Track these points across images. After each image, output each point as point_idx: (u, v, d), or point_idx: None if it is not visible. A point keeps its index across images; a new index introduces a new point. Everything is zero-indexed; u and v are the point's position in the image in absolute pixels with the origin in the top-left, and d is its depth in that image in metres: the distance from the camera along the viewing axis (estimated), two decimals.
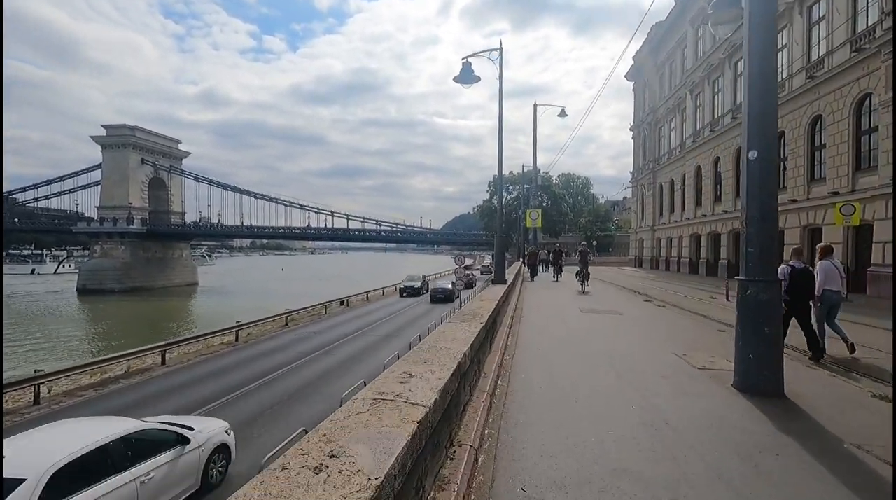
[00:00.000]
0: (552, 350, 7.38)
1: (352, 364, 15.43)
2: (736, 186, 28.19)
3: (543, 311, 11.80)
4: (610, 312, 11.95)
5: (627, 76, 46.99)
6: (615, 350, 7.26)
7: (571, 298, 14.85)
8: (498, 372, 5.77)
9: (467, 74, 11.00)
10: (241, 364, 15.82)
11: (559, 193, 60.53)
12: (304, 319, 26.07)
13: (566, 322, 10.14)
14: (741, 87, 27.51)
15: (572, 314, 11.31)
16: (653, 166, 41.54)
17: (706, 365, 6.41)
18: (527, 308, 11.96)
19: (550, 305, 13.29)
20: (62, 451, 5.60)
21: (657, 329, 9.59)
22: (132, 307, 52.19)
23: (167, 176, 75.40)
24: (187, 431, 7.37)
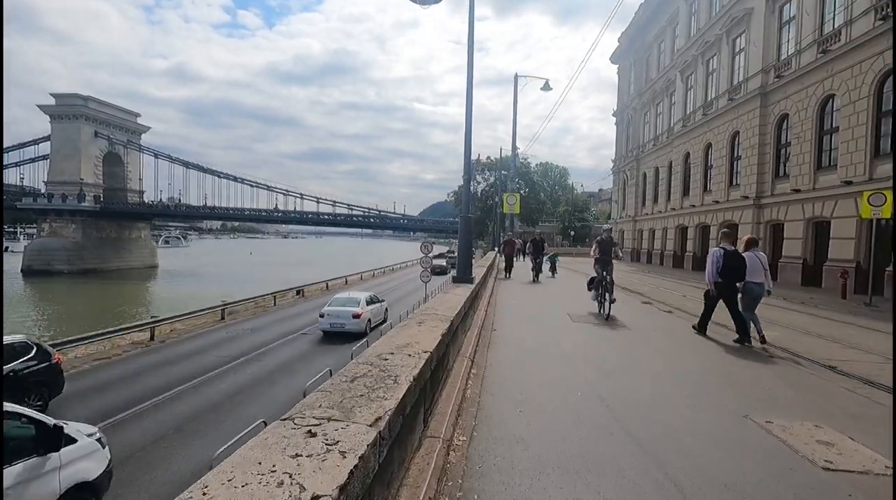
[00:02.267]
0: (551, 420, 4.25)
1: (270, 384, 11.87)
2: (730, 175, 25.64)
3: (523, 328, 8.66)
4: (613, 324, 8.93)
5: (612, 59, 44.10)
6: (657, 422, 4.14)
7: (558, 300, 11.87)
8: None
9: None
10: (135, 376, 12.31)
11: (537, 181, 57.76)
12: (248, 311, 22.53)
13: (559, 344, 7.02)
14: (741, 64, 24.82)
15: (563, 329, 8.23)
16: (636, 154, 38.91)
17: (831, 460, 3.35)
18: (500, 321, 8.85)
19: (533, 314, 10.26)
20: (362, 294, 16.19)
21: (691, 359, 6.46)
22: (76, 291, 47.51)
23: (124, 151, 69.60)
24: None
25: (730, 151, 25.59)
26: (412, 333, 3.56)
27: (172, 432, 8.88)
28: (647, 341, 7.50)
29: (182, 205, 70.58)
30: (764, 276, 7.45)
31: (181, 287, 50.23)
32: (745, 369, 5.91)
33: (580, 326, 8.41)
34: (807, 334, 8.72)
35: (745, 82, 23.98)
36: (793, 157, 20.84)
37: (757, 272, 7.37)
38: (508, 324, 7.91)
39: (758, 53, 23.07)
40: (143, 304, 39.60)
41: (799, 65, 20.46)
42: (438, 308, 4.94)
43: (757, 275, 7.37)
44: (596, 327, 8.27)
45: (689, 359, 6.38)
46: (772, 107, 22.37)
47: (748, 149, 23.54)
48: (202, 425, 9.31)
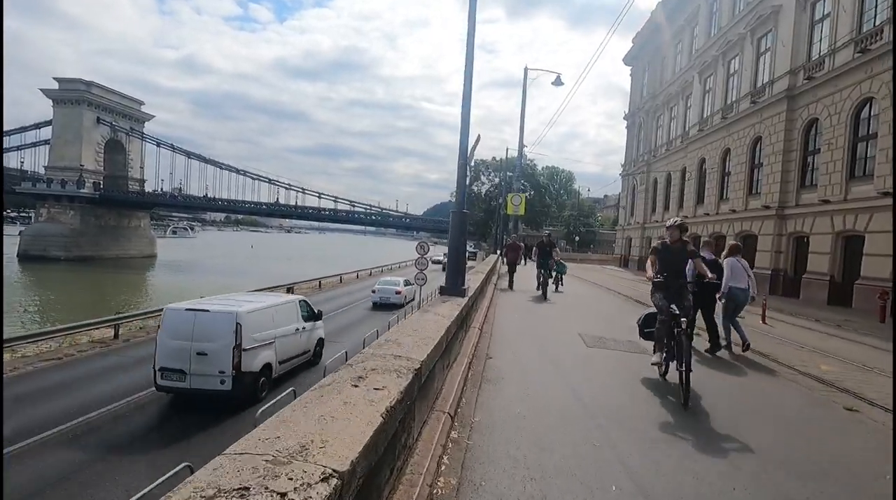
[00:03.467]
0: None
1: None
2: (750, 183, 23.88)
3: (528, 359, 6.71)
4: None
5: (625, 60, 42.37)
6: None
7: (573, 321, 10.13)
8: None
9: None
10: (71, 385, 10.60)
11: (543, 183, 56.06)
12: None
13: (580, 396, 5.30)
14: (766, 65, 23.07)
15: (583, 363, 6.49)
16: (648, 158, 37.17)
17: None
18: (498, 347, 7.15)
19: (541, 340, 8.57)
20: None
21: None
22: (69, 278, 46.17)
23: (126, 139, 68.21)
24: None
25: (750, 158, 23.85)
26: (330, 411, 1.92)
27: None
28: None
29: (183, 195, 69.17)
30: (747, 282, 7.43)
31: (178, 278, 48.86)
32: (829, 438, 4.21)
33: (606, 356, 6.75)
34: (866, 371, 7.06)
35: (770, 84, 22.24)
36: (822, 165, 19.09)
37: (740, 278, 7.36)
38: (508, 354, 6.24)
39: (786, 53, 21.33)
40: (135, 294, 38.16)
41: (833, 65, 18.71)
42: (404, 340, 3.30)
43: (740, 280, 7.36)
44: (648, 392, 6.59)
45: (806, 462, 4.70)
46: (800, 111, 20.63)
47: (771, 155, 21.79)
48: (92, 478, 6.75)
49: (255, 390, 9.91)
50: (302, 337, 12.15)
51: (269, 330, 10.62)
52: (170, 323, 9.88)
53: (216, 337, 9.50)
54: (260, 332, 10.24)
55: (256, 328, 10.13)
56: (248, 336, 9.71)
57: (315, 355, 12.83)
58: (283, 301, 12.23)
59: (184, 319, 9.74)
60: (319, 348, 13.12)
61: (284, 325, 11.28)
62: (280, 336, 10.96)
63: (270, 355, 10.58)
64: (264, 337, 10.37)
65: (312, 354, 12.75)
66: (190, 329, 9.56)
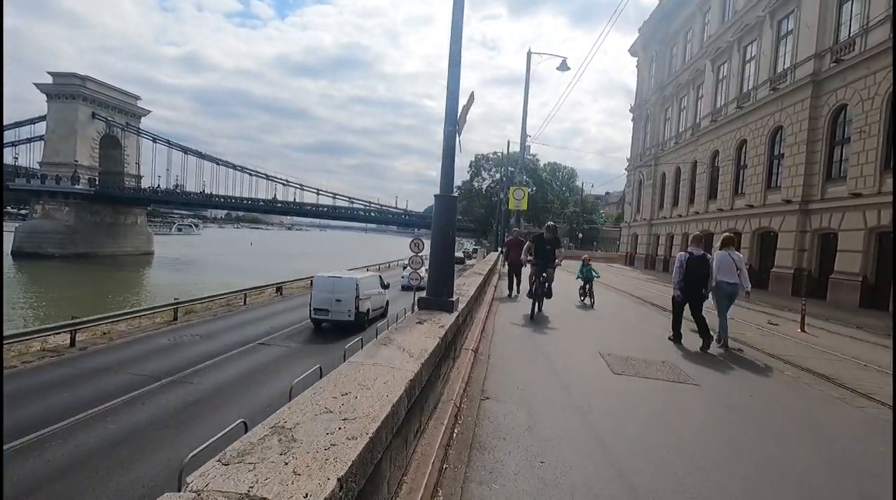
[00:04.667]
0: None
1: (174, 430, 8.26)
2: (769, 176, 22.11)
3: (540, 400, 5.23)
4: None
5: (631, 51, 40.53)
6: None
7: (602, 341, 8.41)
8: None
9: None
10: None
11: (546, 179, 54.18)
12: (211, 310, 19.28)
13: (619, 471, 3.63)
14: (787, 49, 21.27)
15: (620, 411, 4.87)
16: (655, 152, 35.34)
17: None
18: (498, 383, 5.49)
19: (559, 374, 6.89)
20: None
21: None
22: (62, 275, 44.69)
23: (122, 134, 66.58)
24: None
25: (769, 149, 22.06)
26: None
27: None
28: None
29: (180, 192, 67.58)
30: (738, 276, 7.21)
31: (174, 277, 47.31)
32: None
33: (642, 390, 5.07)
34: None
35: (792, 69, 20.44)
36: (852, 155, 17.31)
37: (729, 272, 7.18)
38: (511, 391, 4.56)
39: (810, 35, 19.53)
40: (128, 292, 36.56)
41: (865, 46, 16.92)
42: (307, 429, 1.61)
43: (729, 275, 7.18)
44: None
45: None
46: (826, 97, 18.84)
47: (793, 146, 20.02)
48: None
49: (363, 322, 17.19)
50: (380, 297, 19.35)
51: (367, 291, 17.86)
52: (319, 284, 17.34)
53: (345, 292, 16.92)
54: (365, 291, 17.55)
55: (364, 289, 17.47)
56: (361, 293, 17.14)
57: (385, 311, 19.68)
58: (371, 274, 20.40)
59: (327, 281, 17.15)
60: (387, 308, 19.99)
61: (373, 288, 18.49)
62: (372, 295, 18.30)
63: (368, 304, 17.88)
64: (367, 294, 17.75)
65: (384, 310, 19.72)
66: (331, 287, 16.93)
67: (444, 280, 4.56)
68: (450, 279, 4.62)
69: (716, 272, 7.15)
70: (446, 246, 4.58)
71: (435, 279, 4.58)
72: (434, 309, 4.44)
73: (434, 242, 4.56)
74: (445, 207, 4.54)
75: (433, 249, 4.58)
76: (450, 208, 4.56)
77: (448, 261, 4.63)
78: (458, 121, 4.57)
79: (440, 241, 4.55)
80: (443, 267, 4.62)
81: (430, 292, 4.56)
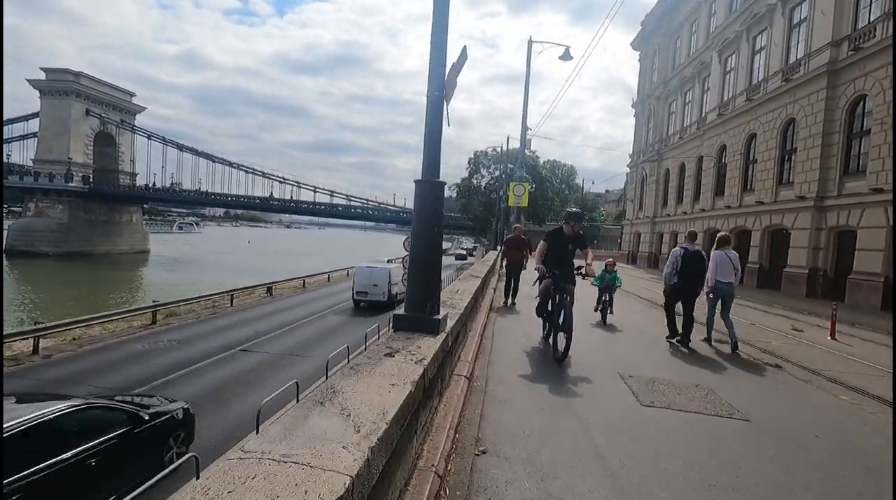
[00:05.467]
0: None
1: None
2: (780, 171, 21.01)
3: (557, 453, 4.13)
4: None
5: (633, 45, 39.36)
6: None
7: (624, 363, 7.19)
8: None
9: None
10: None
11: (546, 176, 53.03)
12: (195, 312, 18.18)
13: None
14: (800, 37, 20.16)
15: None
16: (658, 148, 34.21)
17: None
18: (497, 431, 4.40)
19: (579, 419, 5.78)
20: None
21: None
22: (53, 274, 43.64)
23: (117, 131, 65.40)
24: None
25: (781, 143, 20.95)
26: None
27: None
28: None
29: (175, 190, 66.42)
30: (734, 276, 7.04)
31: (169, 275, 46.25)
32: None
33: (678, 427, 3.99)
34: None
35: (806, 59, 19.32)
36: (873, 148, 16.19)
37: (726, 272, 6.98)
38: (514, 437, 3.50)
39: (826, 23, 18.41)
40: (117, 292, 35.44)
41: (886, 32, 15.80)
42: None
43: (727, 274, 6.98)
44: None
45: None
46: (843, 87, 17.74)
47: (807, 139, 18.92)
48: None
49: (393, 302, 20.80)
50: (400, 286, 20.67)
51: (395, 277, 21.28)
52: (359, 272, 22.20)
53: (381, 279, 21.45)
54: (395, 277, 21.28)
55: (395, 275, 21.29)
56: (393, 279, 21.23)
57: (399, 295, 21.10)
58: (397, 265, 22.40)
59: (366, 270, 22.07)
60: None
61: (399, 275, 20.32)
62: (398, 282, 20.88)
63: (396, 288, 21.10)
64: (396, 280, 21.23)
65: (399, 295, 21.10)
66: (369, 275, 21.76)
67: (429, 291, 3.46)
68: (435, 289, 3.53)
69: (714, 272, 6.93)
70: (430, 246, 3.48)
71: (415, 290, 3.49)
72: (413, 331, 3.35)
73: (414, 241, 3.46)
74: (429, 196, 3.44)
75: (413, 250, 3.48)
76: (435, 197, 3.45)
77: (433, 266, 3.53)
78: (446, 84, 3.48)
79: (422, 239, 3.45)
80: (426, 274, 3.52)
81: (410, 306, 3.46)
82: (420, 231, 3.43)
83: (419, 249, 3.45)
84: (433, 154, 3.48)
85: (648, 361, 6.12)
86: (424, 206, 3.41)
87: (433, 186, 3.45)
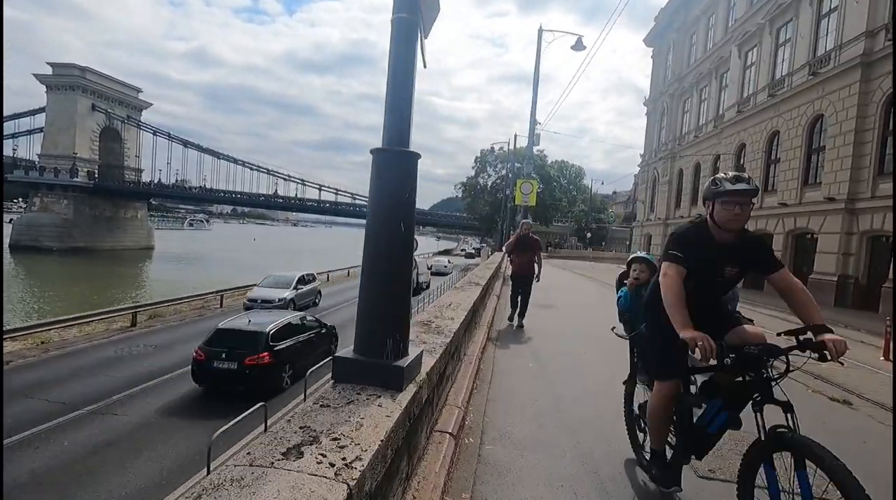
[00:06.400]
0: None
1: None
2: (806, 171, 19.58)
3: None
4: None
5: (646, 41, 37.91)
6: None
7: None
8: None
9: None
10: None
11: (554, 176, 51.61)
12: (181, 313, 17.08)
13: None
14: (829, 29, 18.73)
15: None
16: (672, 147, 32.76)
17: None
18: None
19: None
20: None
21: None
22: (54, 270, 42.87)
23: (122, 127, 64.77)
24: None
25: (807, 141, 19.52)
26: None
27: None
28: None
29: (180, 186, 65.74)
30: None
31: (172, 272, 45.31)
32: None
33: None
34: None
35: (837, 50, 17.88)
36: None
37: None
38: None
39: (860, 11, 16.98)
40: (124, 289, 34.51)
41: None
42: None
43: None
44: None
45: None
46: (878, 80, 16.30)
47: (838, 137, 17.49)
48: None
49: (420, 289, 25.28)
50: (426, 275, 29.42)
51: (422, 268, 27.87)
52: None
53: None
54: (421, 268, 27.45)
55: (420, 266, 27.15)
56: (421, 270, 26.77)
57: (428, 284, 27.60)
58: (422, 260, 31.44)
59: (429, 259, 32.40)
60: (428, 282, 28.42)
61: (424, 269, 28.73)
62: (423, 273, 27.98)
63: (422, 278, 27.40)
64: (422, 271, 27.56)
65: (426, 284, 27.56)
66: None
67: (391, 320, 2.22)
68: (401, 315, 2.28)
69: None
70: (394, 248, 2.23)
71: (369, 318, 2.24)
72: (364, 382, 2.13)
73: (369, 241, 2.22)
74: (395, 171, 2.20)
75: (367, 254, 2.24)
76: (403, 174, 2.20)
77: (399, 279, 2.26)
78: (422, 2, 2.25)
79: (383, 239, 2.21)
80: (387, 293, 2.25)
81: (361, 343, 2.22)
82: (378, 225, 2.18)
83: (376, 253, 2.21)
84: (400, 109, 2.24)
85: None
86: (386, 186, 2.17)
87: (401, 158, 2.21)
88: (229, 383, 8.97)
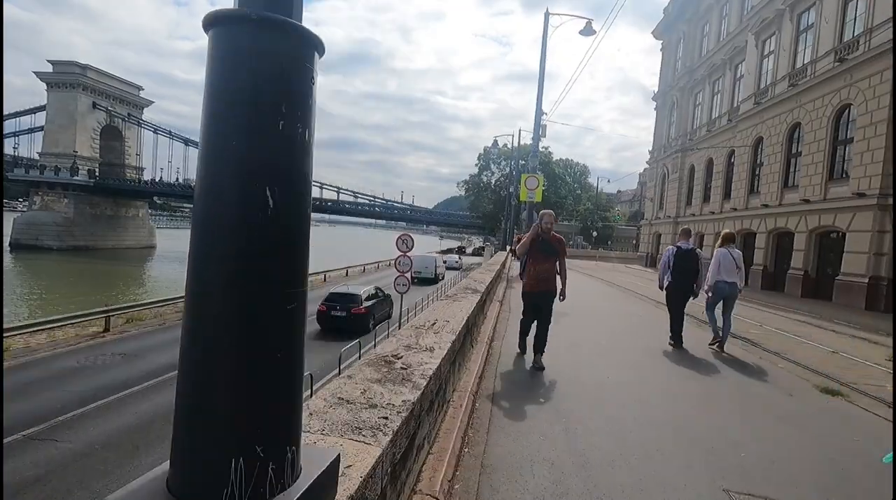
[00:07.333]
0: None
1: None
2: (830, 165, 18.19)
3: None
4: None
5: (655, 33, 36.50)
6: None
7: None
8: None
9: None
10: None
11: (559, 173, 50.21)
12: (160, 317, 15.91)
13: None
14: (858, 12, 17.33)
15: None
16: (682, 142, 31.35)
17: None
18: None
19: None
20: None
21: None
22: (52, 269, 42.04)
23: (123, 125, 63.92)
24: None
25: (832, 133, 18.12)
26: None
27: None
28: None
29: (181, 184, 64.80)
30: (737, 275, 6.55)
31: (172, 271, 44.34)
32: None
33: None
34: None
35: (866, 35, 16.49)
36: None
37: (729, 271, 6.51)
38: None
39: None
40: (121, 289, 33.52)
41: None
42: None
43: (729, 274, 6.51)
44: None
45: None
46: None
47: (868, 127, 16.11)
48: None
49: (438, 280, 32.67)
50: (443, 269, 35.80)
51: (439, 263, 34.91)
52: (416, 260, 24.10)
53: (430, 264, 32.95)
54: (439, 263, 34.65)
55: (438, 261, 35.24)
56: (438, 264, 34.30)
57: (441, 276, 34.07)
58: (438, 255, 41.51)
59: (419, 258, 29.52)
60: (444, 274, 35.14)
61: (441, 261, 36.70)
62: (440, 266, 34.65)
63: (440, 271, 34.14)
64: (439, 265, 34.42)
65: (442, 276, 34.18)
66: (422, 261, 31.41)
67: (256, 412, 0.96)
68: (284, 399, 1.01)
69: (715, 271, 6.56)
70: (246, 246, 0.95)
71: (198, 410, 0.97)
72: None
73: (194, 245, 0.95)
74: (263, 67, 0.93)
75: (192, 273, 0.98)
76: (278, 75, 0.94)
77: (272, 322, 0.98)
78: None
79: (230, 234, 0.93)
80: (238, 355, 1.00)
81: (178, 465, 0.96)
82: (218, 199, 0.92)
83: (218, 263, 0.95)
84: None
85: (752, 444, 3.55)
86: (240, 101, 0.91)
87: (280, 40, 0.94)
88: (340, 323, 14.81)
